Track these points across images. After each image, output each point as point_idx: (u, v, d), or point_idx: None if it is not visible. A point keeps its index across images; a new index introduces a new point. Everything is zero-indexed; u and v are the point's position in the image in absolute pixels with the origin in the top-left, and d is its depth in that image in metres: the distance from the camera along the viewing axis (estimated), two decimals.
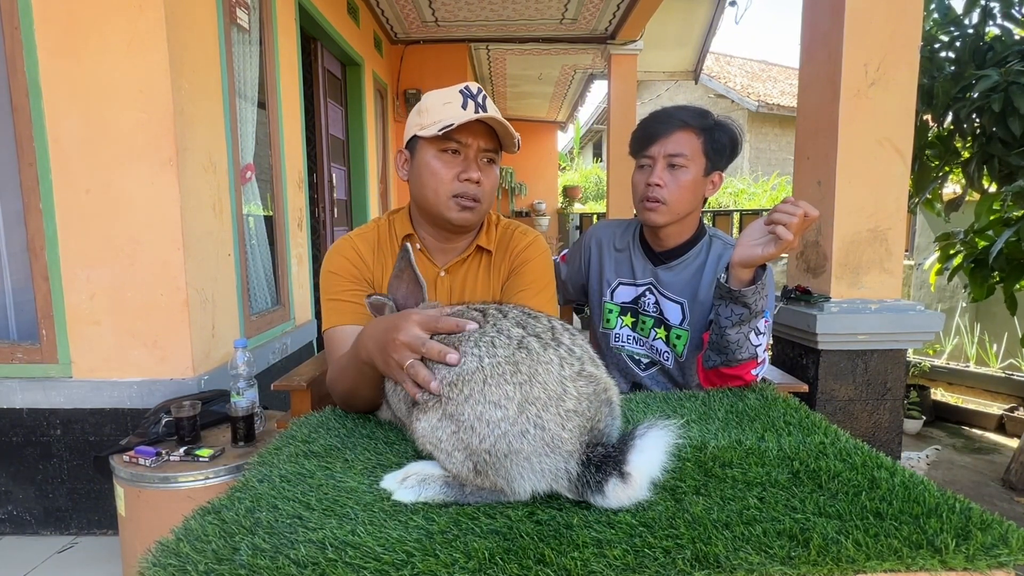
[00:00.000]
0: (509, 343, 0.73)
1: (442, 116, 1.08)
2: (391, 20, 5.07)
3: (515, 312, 0.80)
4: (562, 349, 0.74)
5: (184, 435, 1.70)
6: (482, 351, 0.72)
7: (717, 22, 5.54)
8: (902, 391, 2.01)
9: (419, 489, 0.73)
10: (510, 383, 0.69)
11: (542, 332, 0.75)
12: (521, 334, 0.74)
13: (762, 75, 13.93)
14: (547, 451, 0.68)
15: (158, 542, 0.64)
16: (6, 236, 2.11)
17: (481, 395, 0.69)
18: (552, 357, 0.72)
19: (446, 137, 1.09)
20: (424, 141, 1.12)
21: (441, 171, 1.11)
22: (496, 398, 0.69)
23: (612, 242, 1.52)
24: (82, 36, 1.92)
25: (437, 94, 1.12)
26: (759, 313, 1.14)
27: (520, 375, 0.70)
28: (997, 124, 2.40)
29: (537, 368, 0.70)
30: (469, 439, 0.69)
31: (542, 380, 0.69)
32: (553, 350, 0.73)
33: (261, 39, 2.72)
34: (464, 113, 1.07)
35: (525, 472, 0.68)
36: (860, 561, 0.59)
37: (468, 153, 1.12)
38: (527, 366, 0.70)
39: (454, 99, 1.09)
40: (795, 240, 1.05)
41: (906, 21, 1.89)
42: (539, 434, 0.68)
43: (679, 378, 1.41)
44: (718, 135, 1.33)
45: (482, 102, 1.10)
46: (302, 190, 3.20)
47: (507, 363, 0.70)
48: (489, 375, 0.70)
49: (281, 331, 2.85)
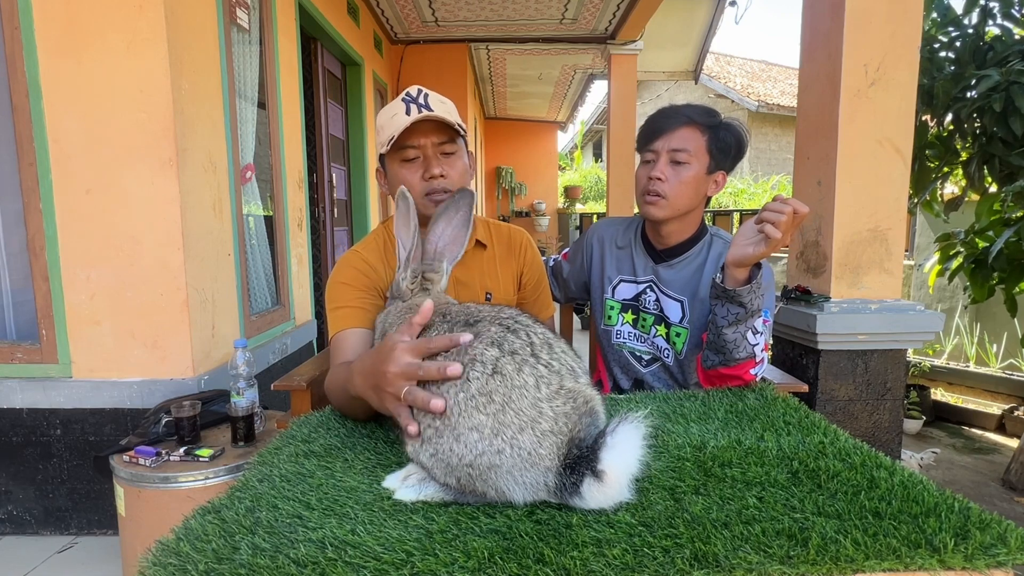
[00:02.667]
0: (483, 371, 0.71)
1: (392, 129, 1.14)
2: (391, 20, 5.07)
3: (494, 329, 0.76)
4: (540, 366, 0.72)
5: (184, 435, 1.70)
6: (455, 385, 0.72)
7: (717, 22, 5.54)
8: (902, 391, 2.01)
9: (419, 488, 0.74)
10: (484, 413, 0.69)
11: (519, 348, 0.73)
12: (496, 356, 0.72)
13: (762, 75, 13.93)
14: (526, 466, 0.68)
15: (158, 541, 0.64)
16: (6, 236, 2.11)
17: (454, 429, 0.70)
18: (527, 379, 0.71)
19: (399, 147, 1.16)
20: (387, 156, 1.20)
21: (408, 178, 1.18)
22: (471, 425, 0.69)
23: (614, 239, 1.52)
24: (82, 36, 1.92)
25: (386, 109, 1.18)
26: (755, 312, 1.14)
27: (493, 404, 0.69)
28: (998, 124, 2.40)
29: (511, 395, 0.69)
30: (448, 459, 0.70)
31: (516, 407, 0.69)
32: (530, 368, 0.72)
33: (261, 39, 2.72)
34: (407, 119, 1.12)
35: (509, 483, 0.69)
36: (859, 560, 0.59)
37: (425, 152, 1.18)
38: (500, 394, 0.69)
39: (399, 109, 1.14)
40: (786, 237, 1.07)
41: (906, 21, 1.89)
42: (516, 452, 0.68)
43: (679, 375, 1.42)
44: (723, 134, 1.33)
45: (424, 101, 1.14)
46: (302, 190, 3.20)
47: (480, 395, 0.70)
48: (463, 409, 0.70)
49: (281, 331, 2.85)
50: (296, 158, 3.12)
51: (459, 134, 1.20)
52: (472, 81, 6.59)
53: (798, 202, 1.06)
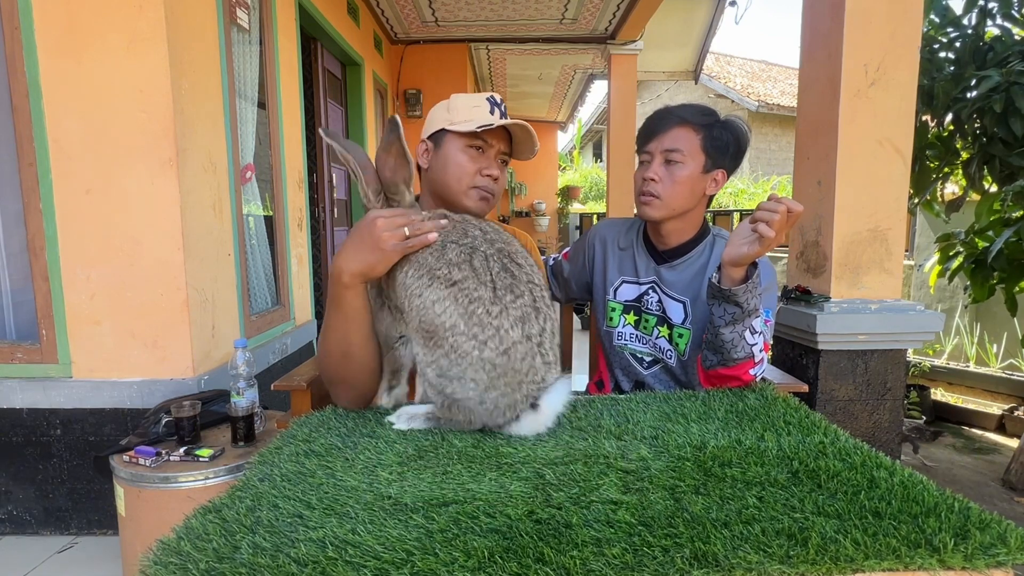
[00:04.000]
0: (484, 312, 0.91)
1: (472, 117, 1.21)
2: (391, 20, 5.07)
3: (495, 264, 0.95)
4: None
5: (184, 435, 1.70)
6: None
7: (717, 22, 5.54)
8: (902, 391, 2.01)
9: (410, 422, 0.97)
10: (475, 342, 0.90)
11: (533, 335, 0.93)
12: (517, 337, 0.91)
13: (762, 75, 13.93)
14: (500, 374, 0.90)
15: (160, 540, 0.64)
16: (6, 236, 2.11)
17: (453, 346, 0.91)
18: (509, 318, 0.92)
19: (474, 135, 1.20)
20: (452, 135, 1.22)
21: (467, 164, 1.22)
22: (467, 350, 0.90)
23: (616, 240, 1.52)
24: (82, 36, 1.92)
25: (465, 97, 1.25)
26: (752, 312, 1.14)
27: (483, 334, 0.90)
28: (998, 124, 2.40)
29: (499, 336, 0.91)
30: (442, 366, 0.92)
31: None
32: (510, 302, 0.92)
33: (261, 39, 2.72)
34: (493, 118, 1.20)
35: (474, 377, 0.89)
36: (859, 560, 0.59)
37: (490, 152, 1.24)
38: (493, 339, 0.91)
39: (482, 104, 1.22)
40: (780, 236, 1.07)
41: (906, 21, 1.90)
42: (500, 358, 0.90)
43: (682, 377, 1.42)
44: (718, 132, 1.33)
45: (504, 111, 1.24)
46: (302, 190, 3.20)
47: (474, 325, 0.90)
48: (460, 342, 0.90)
49: (281, 331, 2.85)
50: (296, 158, 3.12)
51: (510, 156, 1.29)
52: (472, 81, 6.59)
53: (792, 201, 1.06)
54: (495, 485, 0.76)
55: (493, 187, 1.23)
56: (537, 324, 0.92)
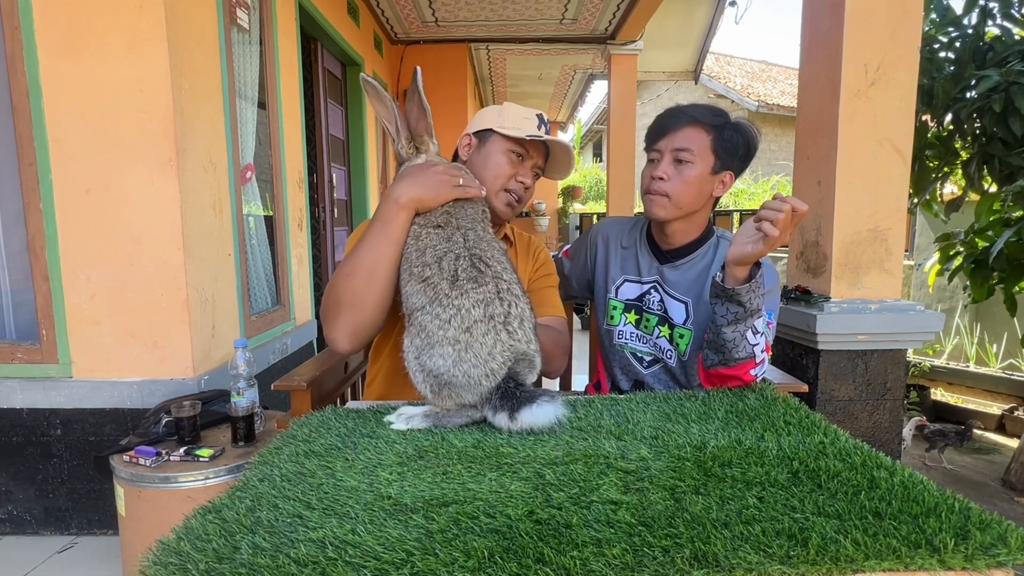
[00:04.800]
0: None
1: (520, 126, 1.30)
2: (391, 20, 5.07)
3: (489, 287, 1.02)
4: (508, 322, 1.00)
5: (184, 435, 1.70)
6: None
7: (717, 22, 5.54)
8: (902, 391, 2.01)
9: (408, 421, 1.00)
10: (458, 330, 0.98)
11: (496, 315, 0.99)
12: (478, 316, 0.99)
13: (762, 75, 13.93)
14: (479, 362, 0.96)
15: (159, 541, 0.64)
16: (6, 236, 2.11)
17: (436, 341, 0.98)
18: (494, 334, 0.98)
19: (519, 142, 1.30)
20: (499, 137, 1.31)
21: (505, 166, 1.31)
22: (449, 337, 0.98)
23: (619, 239, 1.52)
24: (82, 36, 1.92)
25: (518, 107, 1.35)
26: (755, 312, 1.14)
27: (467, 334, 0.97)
28: (998, 124, 2.40)
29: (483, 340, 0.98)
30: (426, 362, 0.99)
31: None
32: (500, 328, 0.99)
33: (261, 39, 2.72)
34: (539, 132, 1.30)
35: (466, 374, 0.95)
36: (859, 560, 0.59)
37: (528, 162, 1.34)
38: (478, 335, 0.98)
39: (532, 118, 1.32)
40: (784, 236, 1.08)
41: (906, 21, 1.89)
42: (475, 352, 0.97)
43: (681, 377, 1.41)
44: (728, 134, 1.33)
45: (548, 130, 1.33)
46: (302, 190, 3.20)
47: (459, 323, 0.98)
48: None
49: (281, 331, 2.85)
50: (296, 158, 3.12)
51: (543, 171, 1.40)
52: (472, 81, 6.58)
53: (796, 200, 1.06)
54: (495, 485, 0.76)
55: (523, 194, 1.34)
56: (501, 308, 0.99)
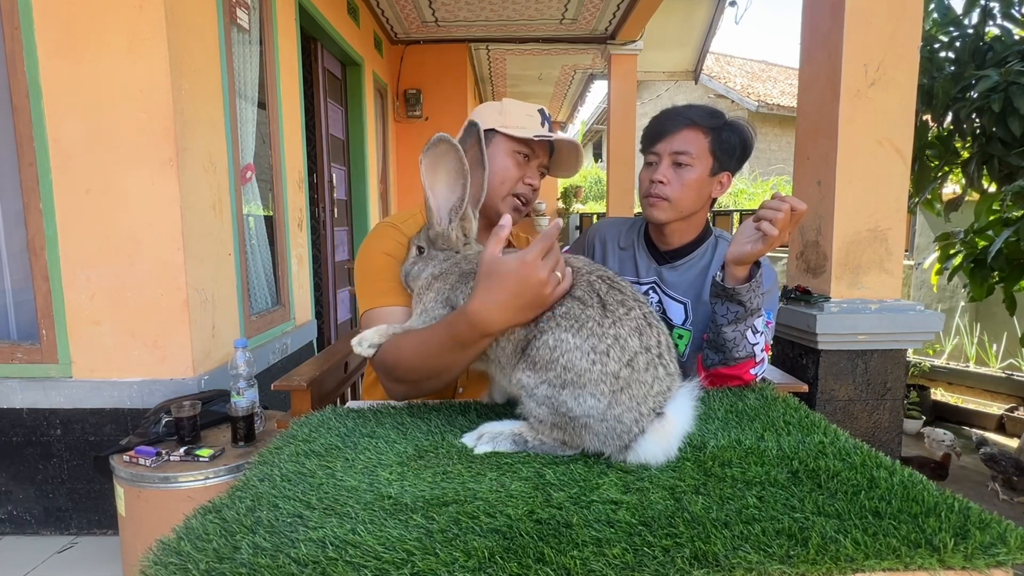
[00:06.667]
0: (622, 355, 0.83)
1: (525, 124, 1.21)
2: (391, 20, 5.07)
3: (634, 315, 0.86)
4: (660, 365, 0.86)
5: (184, 435, 1.70)
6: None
7: (717, 22, 5.54)
8: (902, 391, 2.01)
9: (493, 443, 0.87)
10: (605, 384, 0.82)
11: (652, 347, 0.85)
12: (636, 347, 0.84)
13: (762, 75, 13.93)
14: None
15: (160, 540, 0.64)
16: (6, 236, 2.11)
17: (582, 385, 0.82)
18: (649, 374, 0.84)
19: (525, 142, 1.21)
20: (502, 138, 1.22)
21: (512, 169, 1.22)
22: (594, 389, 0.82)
23: (616, 240, 1.52)
24: (82, 36, 1.92)
25: (519, 104, 1.26)
26: (755, 311, 1.14)
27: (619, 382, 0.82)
28: (997, 124, 2.40)
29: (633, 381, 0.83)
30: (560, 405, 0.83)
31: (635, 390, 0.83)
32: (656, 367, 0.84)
33: (261, 39, 2.72)
34: (543, 130, 1.21)
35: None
36: (859, 560, 0.59)
37: (534, 163, 1.25)
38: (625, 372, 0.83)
39: (534, 115, 1.23)
40: (784, 235, 1.07)
41: (906, 21, 1.90)
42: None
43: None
44: (726, 135, 1.33)
45: (550, 126, 1.25)
46: (302, 190, 3.20)
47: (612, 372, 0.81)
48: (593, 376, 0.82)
49: (281, 331, 2.85)
50: (296, 158, 3.12)
51: (547, 171, 1.31)
52: (472, 81, 6.58)
53: (796, 200, 1.06)
54: (495, 485, 0.75)
55: (531, 196, 1.25)
56: (653, 336, 0.86)
